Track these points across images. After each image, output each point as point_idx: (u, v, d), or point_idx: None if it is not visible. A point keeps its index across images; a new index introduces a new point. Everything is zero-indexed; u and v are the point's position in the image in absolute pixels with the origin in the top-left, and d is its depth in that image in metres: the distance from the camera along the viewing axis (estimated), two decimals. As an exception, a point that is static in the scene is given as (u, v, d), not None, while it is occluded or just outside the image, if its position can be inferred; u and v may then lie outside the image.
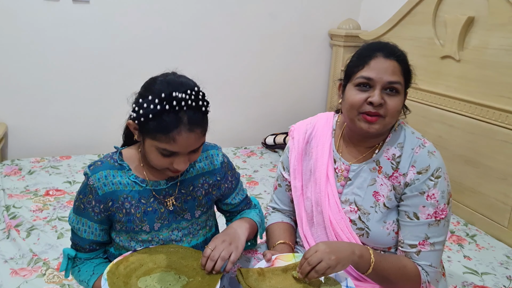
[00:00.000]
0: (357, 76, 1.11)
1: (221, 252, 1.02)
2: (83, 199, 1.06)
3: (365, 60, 1.11)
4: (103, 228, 1.10)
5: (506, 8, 1.95)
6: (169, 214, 1.09)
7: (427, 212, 1.10)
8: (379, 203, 1.16)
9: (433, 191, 1.10)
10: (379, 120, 1.09)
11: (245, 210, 1.27)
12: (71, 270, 1.12)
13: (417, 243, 1.11)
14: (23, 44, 2.55)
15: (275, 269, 1.08)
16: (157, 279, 1.00)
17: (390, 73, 1.08)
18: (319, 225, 1.22)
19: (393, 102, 1.09)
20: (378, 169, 1.17)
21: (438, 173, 1.11)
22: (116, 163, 1.07)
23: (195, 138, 0.96)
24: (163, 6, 2.77)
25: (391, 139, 1.17)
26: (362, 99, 1.09)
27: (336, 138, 1.26)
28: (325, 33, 3.26)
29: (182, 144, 0.95)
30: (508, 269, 1.75)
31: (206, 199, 1.14)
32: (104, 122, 2.85)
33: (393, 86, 1.09)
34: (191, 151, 0.99)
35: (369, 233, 1.16)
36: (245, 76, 3.14)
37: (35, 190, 2.21)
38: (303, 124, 1.33)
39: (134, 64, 2.77)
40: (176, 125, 0.92)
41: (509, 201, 1.97)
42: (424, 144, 1.14)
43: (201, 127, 0.97)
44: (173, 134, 0.93)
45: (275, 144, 3.05)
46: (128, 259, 1.05)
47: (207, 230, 1.19)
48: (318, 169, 1.23)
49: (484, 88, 2.08)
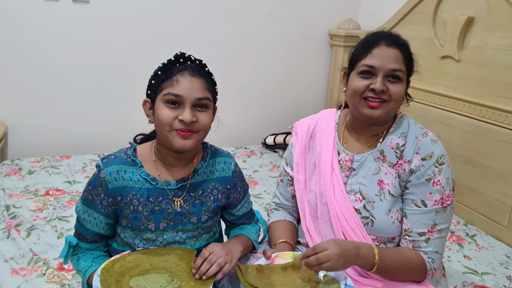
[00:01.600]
0: (360, 64, 1.14)
1: (219, 259, 1.03)
2: (92, 190, 1.07)
3: (368, 48, 1.14)
4: (108, 222, 1.10)
5: (506, 8, 1.95)
6: (176, 216, 1.10)
7: (434, 199, 1.12)
8: (384, 191, 1.17)
9: (439, 177, 1.12)
10: (382, 105, 1.13)
11: (245, 225, 1.28)
12: (70, 258, 1.13)
13: (426, 231, 1.12)
14: (23, 44, 2.55)
15: (274, 266, 1.08)
16: (149, 280, 1.00)
17: (392, 61, 1.11)
18: (323, 217, 1.23)
19: (396, 89, 1.12)
20: (383, 158, 1.19)
21: (442, 160, 1.14)
22: (129, 158, 1.08)
23: (197, 83, 1.02)
24: (163, 6, 2.77)
25: (394, 129, 1.20)
26: (365, 85, 1.13)
27: (339, 131, 1.29)
28: (325, 33, 3.26)
29: (186, 85, 1.00)
30: (508, 269, 1.75)
31: (214, 205, 1.14)
32: (104, 122, 2.86)
33: (395, 74, 1.12)
34: (197, 106, 1.02)
35: (373, 222, 1.16)
36: (245, 76, 3.14)
37: (35, 190, 2.21)
38: (306, 120, 1.36)
39: (134, 64, 2.77)
40: (179, 70, 1.02)
41: (509, 201, 1.97)
42: (427, 133, 1.18)
43: (204, 79, 1.04)
44: (176, 77, 1.01)
45: (275, 144, 3.05)
46: (126, 258, 1.05)
47: (210, 235, 1.19)
48: (322, 161, 1.25)
49: (484, 88, 2.08)
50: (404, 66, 1.14)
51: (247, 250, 1.20)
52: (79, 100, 2.78)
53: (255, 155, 3.01)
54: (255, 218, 1.32)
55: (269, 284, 1.04)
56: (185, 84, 1.01)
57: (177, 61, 1.04)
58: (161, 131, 1.03)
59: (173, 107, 1.01)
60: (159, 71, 1.04)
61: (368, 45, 1.15)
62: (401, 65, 1.13)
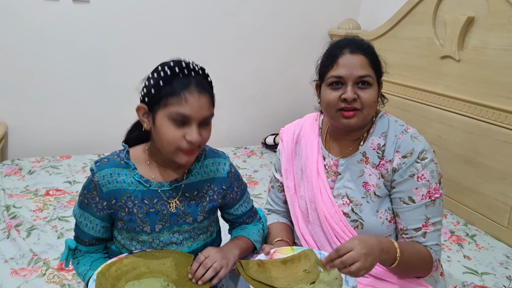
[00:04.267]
0: (328, 76, 1.15)
1: (214, 263, 1.02)
2: (87, 194, 1.07)
3: (333, 59, 1.15)
4: (104, 225, 1.10)
5: (506, 8, 1.95)
6: (171, 217, 1.09)
7: (421, 193, 1.12)
8: (369, 193, 1.18)
9: (422, 172, 1.12)
10: (356, 114, 1.13)
11: (247, 224, 1.27)
12: (71, 261, 1.13)
13: (420, 226, 1.12)
14: (23, 44, 2.55)
15: (274, 261, 1.09)
16: (144, 284, 1.00)
17: (359, 67, 1.12)
18: (314, 221, 1.24)
19: (367, 95, 1.13)
20: (365, 160, 1.20)
21: (423, 155, 1.12)
22: (122, 161, 1.07)
23: (205, 101, 0.99)
24: (163, 6, 2.77)
25: (374, 129, 1.20)
26: (336, 97, 1.13)
27: (323, 135, 1.30)
28: (325, 33, 3.26)
29: (194, 104, 0.97)
30: (508, 269, 1.75)
31: (210, 205, 1.14)
32: (104, 122, 2.86)
33: (364, 80, 1.12)
34: (201, 123, 1.00)
35: (363, 224, 1.17)
36: (245, 76, 3.14)
37: (35, 190, 2.21)
38: (291, 126, 1.38)
39: (134, 64, 2.76)
40: (186, 86, 0.97)
41: (508, 201, 1.97)
42: (407, 130, 1.17)
43: (209, 94, 1.01)
44: (184, 94, 0.97)
45: (275, 144, 3.05)
46: (122, 261, 1.04)
47: (208, 235, 1.19)
48: (308, 166, 1.26)
49: (484, 88, 2.08)
50: (372, 70, 1.14)
51: (245, 252, 1.19)
52: (79, 100, 2.78)
53: (255, 155, 3.01)
54: (257, 216, 1.30)
55: (270, 277, 1.04)
56: (193, 104, 0.97)
57: (181, 72, 0.99)
58: (165, 148, 1.01)
59: (179, 125, 0.98)
60: (160, 81, 0.98)
61: (333, 56, 1.15)
62: (368, 70, 1.13)
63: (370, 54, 1.15)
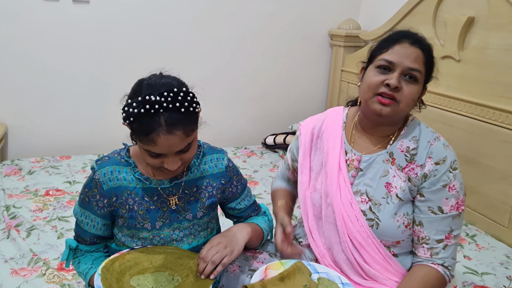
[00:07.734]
0: (379, 58, 1.12)
1: (213, 256, 1.02)
2: (88, 192, 1.08)
3: (390, 43, 1.12)
4: (105, 223, 1.11)
5: (506, 8, 1.95)
6: (172, 214, 1.10)
7: (450, 204, 1.11)
8: (391, 194, 1.15)
9: (454, 183, 1.12)
10: (392, 104, 1.10)
11: (252, 217, 1.27)
12: (71, 261, 1.13)
13: (443, 237, 1.12)
14: (23, 44, 2.55)
15: (273, 279, 1.08)
16: (150, 278, 1.01)
17: (412, 59, 1.09)
18: (328, 218, 1.21)
19: (410, 89, 1.10)
20: (392, 160, 1.17)
21: (455, 165, 1.13)
22: (123, 159, 1.09)
23: (176, 139, 0.94)
24: (163, 7, 2.77)
25: (405, 132, 1.19)
26: (380, 80, 1.10)
27: (347, 130, 1.27)
28: (325, 33, 3.26)
29: (163, 145, 0.94)
30: (508, 269, 1.74)
31: (210, 201, 1.14)
32: (104, 122, 2.86)
33: (412, 73, 1.09)
34: (180, 151, 0.98)
35: (379, 224, 1.15)
36: (245, 76, 3.14)
37: (35, 190, 2.21)
38: (311, 120, 1.35)
39: (134, 64, 2.76)
40: (153, 128, 0.92)
41: (509, 201, 1.97)
42: (439, 138, 1.17)
43: (182, 128, 0.94)
44: (152, 136, 0.92)
45: (275, 144, 3.05)
46: (125, 257, 1.05)
47: (208, 232, 1.19)
48: (329, 161, 1.23)
49: (484, 88, 2.08)
50: (423, 67, 1.11)
51: (256, 234, 1.17)
52: (79, 100, 2.78)
53: (255, 155, 3.01)
54: (261, 210, 1.30)
55: None
56: (163, 144, 0.93)
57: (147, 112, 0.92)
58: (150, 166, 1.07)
59: (155, 156, 0.98)
60: (130, 117, 0.93)
61: (391, 41, 1.13)
62: (420, 65, 1.10)
63: (427, 52, 1.13)
